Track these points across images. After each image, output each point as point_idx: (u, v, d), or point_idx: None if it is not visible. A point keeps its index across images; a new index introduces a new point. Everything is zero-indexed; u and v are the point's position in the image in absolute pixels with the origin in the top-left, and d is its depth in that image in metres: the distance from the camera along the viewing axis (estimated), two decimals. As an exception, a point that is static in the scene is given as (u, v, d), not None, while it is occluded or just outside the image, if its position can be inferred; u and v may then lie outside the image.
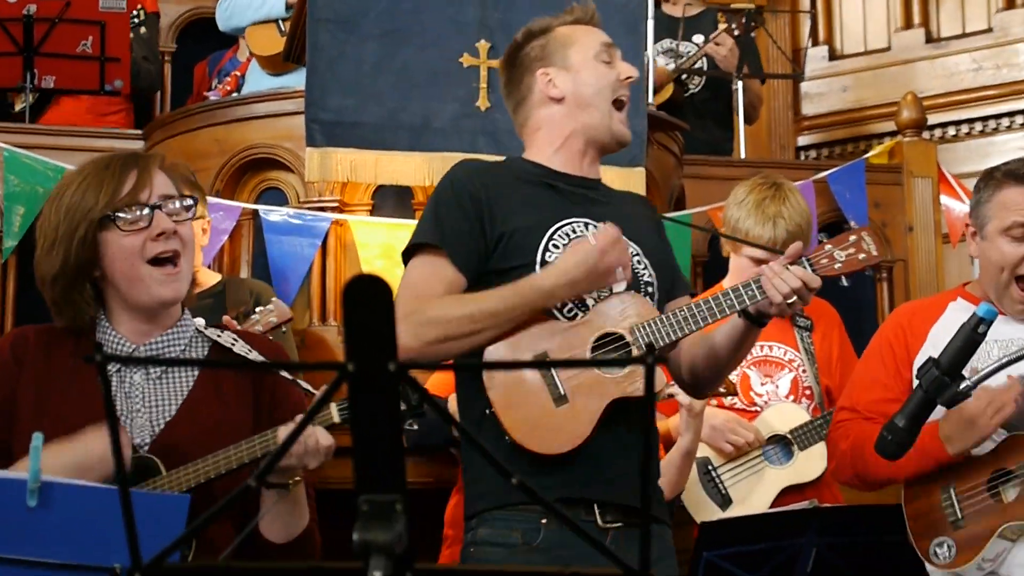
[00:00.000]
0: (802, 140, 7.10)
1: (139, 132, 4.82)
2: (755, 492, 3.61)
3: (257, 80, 4.98)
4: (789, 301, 2.57)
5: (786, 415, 3.64)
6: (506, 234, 2.66)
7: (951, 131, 6.71)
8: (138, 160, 2.37)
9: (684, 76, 5.49)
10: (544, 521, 2.56)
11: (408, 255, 2.71)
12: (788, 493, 3.60)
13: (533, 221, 2.68)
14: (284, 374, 2.39)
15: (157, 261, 2.35)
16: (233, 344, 2.41)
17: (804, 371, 3.69)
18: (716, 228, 2.84)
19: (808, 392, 3.68)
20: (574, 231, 2.70)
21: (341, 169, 3.95)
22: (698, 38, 5.51)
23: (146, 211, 2.34)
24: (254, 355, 2.42)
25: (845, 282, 2.97)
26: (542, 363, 1.44)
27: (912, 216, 5.28)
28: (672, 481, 3.44)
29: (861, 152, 6.53)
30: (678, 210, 4.73)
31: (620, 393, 2.59)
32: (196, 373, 2.42)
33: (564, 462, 2.58)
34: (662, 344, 2.60)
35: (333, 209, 4.14)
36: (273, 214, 4.16)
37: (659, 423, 3.63)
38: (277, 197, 4.29)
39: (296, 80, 4.57)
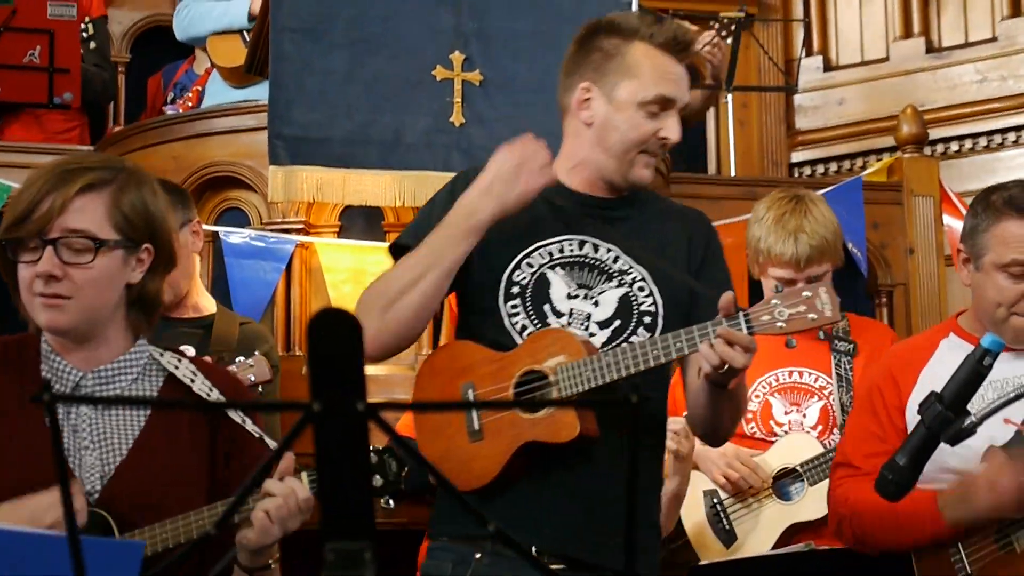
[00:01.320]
0: (796, 156, 7.12)
1: (90, 149, 4.81)
2: (759, 530, 3.60)
3: (218, 92, 4.97)
4: (721, 371, 2.48)
5: (799, 447, 3.62)
6: (479, 247, 2.66)
7: (954, 146, 6.75)
8: (65, 182, 2.32)
9: None
10: (478, 556, 2.60)
11: (394, 253, 2.76)
12: (800, 531, 3.59)
13: (511, 236, 2.69)
14: (247, 424, 2.36)
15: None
16: (192, 380, 2.39)
17: (836, 399, 3.67)
18: None
19: (838, 423, 3.66)
20: (560, 249, 2.70)
21: (307, 188, 3.95)
22: None
23: (38, 245, 2.32)
24: (215, 395, 2.40)
25: (793, 343, 2.95)
26: (528, 402, 1.43)
27: (913, 237, 5.29)
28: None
29: (858, 169, 6.58)
30: (665, 231, 4.74)
31: (533, 437, 2.58)
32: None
33: (485, 502, 2.60)
34: (584, 388, 2.56)
35: (298, 231, 4.13)
36: (234, 236, 4.16)
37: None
38: (238, 218, 4.29)
39: (259, 93, 4.56)
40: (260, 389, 3.50)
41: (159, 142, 4.40)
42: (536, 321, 2.66)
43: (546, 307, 2.67)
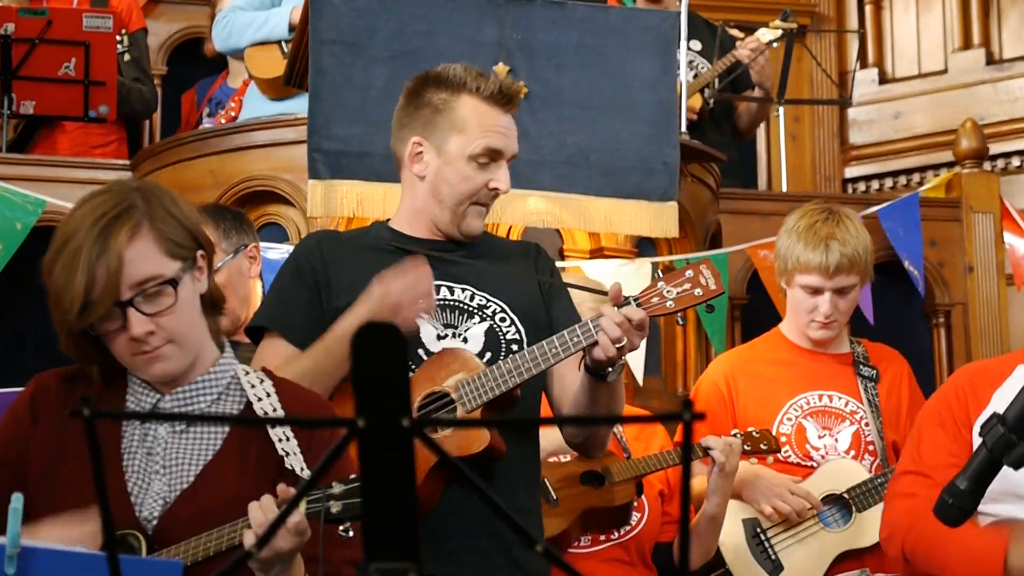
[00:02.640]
0: (850, 172, 7.11)
1: (127, 163, 4.86)
2: (808, 559, 3.59)
3: (256, 105, 5.01)
4: (618, 345, 2.63)
5: (844, 473, 3.62)
6: (343, 307, 2.79)
7: (1015, 162, 6.71)
8: (105, 240, 2.29)
9: (706, 90, 5.52)
10: None
11: (253, 335, 2.90)
12: (845, 559, 3.58)
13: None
14: (288, 458, 2.35)
15: None
16: (260, 399, 2.40)
17: (867, 424, 3.67)
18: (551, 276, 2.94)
19: (871, 447, 3.66)
20: None
21: (347, 203, 3.97)
22: (695, 44, 5.52)
23: (118, 311, 2.31)
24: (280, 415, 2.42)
25: (680, 321, 3.05)
26: (570, 419, 1.45)
27: (972, 255, 5.27)
28: (695, 551, 3.45)
29: (915, 185, 6.55)
30: (714, 248, 4.74)
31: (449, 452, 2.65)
32: (227, 429, 2.41)
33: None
34: (487, 399, 2.70)
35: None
36: (272, 252, 4.18)
37: (695, 481, 3.63)
38: (277, 234, 4.32)
39: (298, 106, 4.60)
40: None
41: (196, 156, 4.44)
42: (414, 366, 2.78)
43: (420, 351, 2.81)
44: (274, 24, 4.89)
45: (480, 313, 2.86)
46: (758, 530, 3.62)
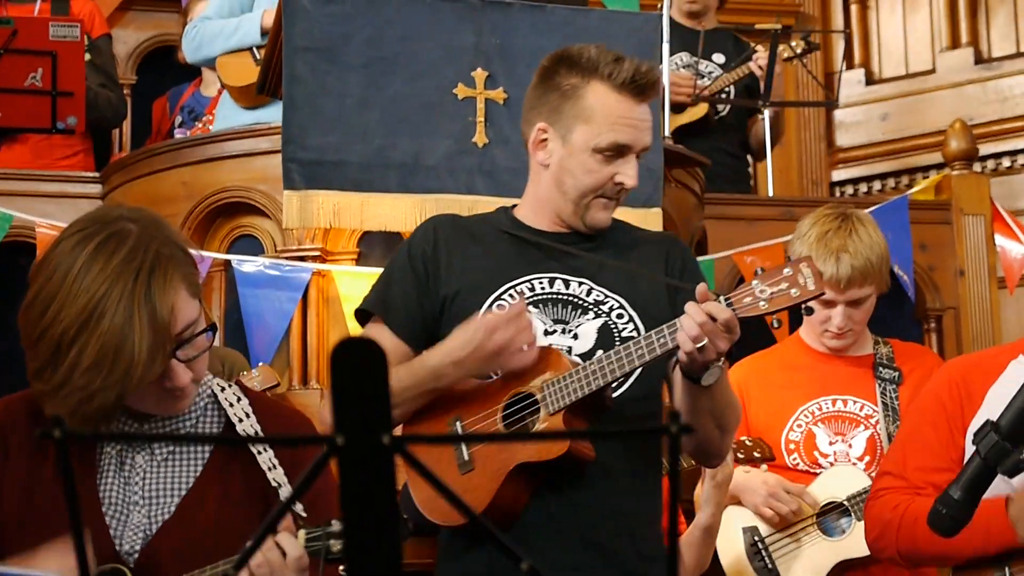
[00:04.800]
0: (837, 175, 7.13)
1: (96, 175, 4.84)
2: (807, 567, 3.59)
3: (229, 114, 5.00)
4: (698, 345, 2.53)
5: (846, 479, 3.62)
6: (450, 296, 2.78)
7: (1005, 162, 6.74)
8: (154, 299, 2.21)
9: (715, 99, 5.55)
10: None
11: (360, 318, 2.87)
12: (847, 569, 3.58)
13: (482, 280, 2.80)
14: (269, 473, 2.34)
15: None
16: (241, 420, 2.38)
17: (882, 429, 3.66)
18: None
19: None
20: (532, 288, 2.80)
21: (323, 214, 3.97)
22: (718, 57, 5.55)
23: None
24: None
25: (776, 324, 3.01)
26: (594, 433, 1.44)
27: (963, 259, 5.29)
28: (690, 560, 3.45)
29: (904, 187, 6.57)
30: (699, 254, 4.74)
31: (522, 458, 2.65)
32: (207, 453, 2.38)
33: (480, 535, 2.66)
34: (572, 400, 2.64)
35: (314, 258, 4.16)
36: (247, 265, 4.18)
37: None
38: (252, 246, 4.31)
39: (271, 114, 4.60)
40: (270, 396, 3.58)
41: (168, 167, 4.43)
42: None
43: (525, 346, 2.73)
44: (246, 30, 4.88)
45: (596, 309, 2.79)
46: (756, 539, 3.62)
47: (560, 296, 2.79)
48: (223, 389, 2.44)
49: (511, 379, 2.70)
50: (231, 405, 2.40)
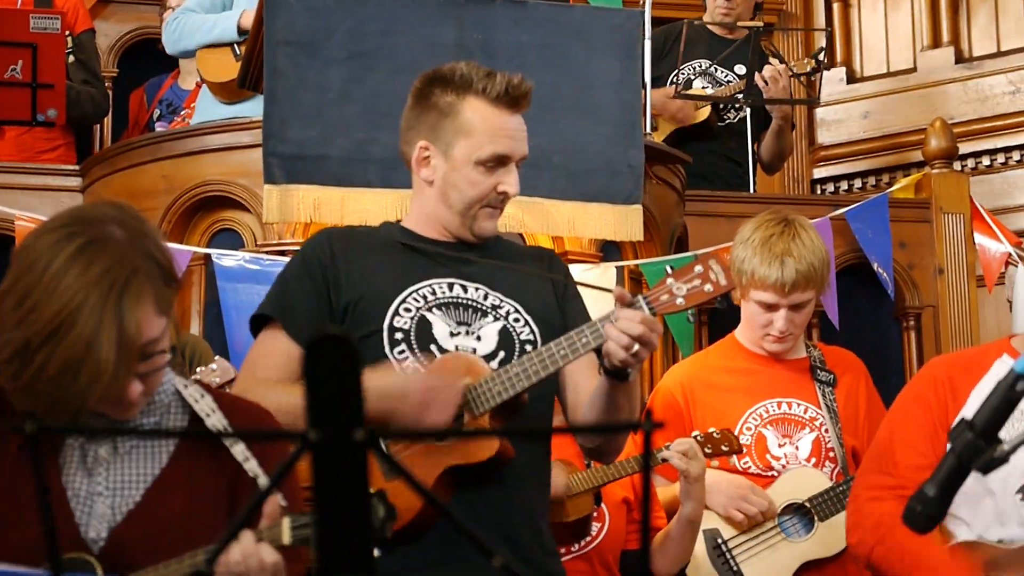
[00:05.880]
0: (818, 172, 7.14)
1: (76, 168, 4.83)
2: (770, 569, 3.61)
3: (209, 108, 5.00)
4: (632, 350, 2.62)
5: (805, 481, 3.64)
6: (352, 302, 2.82)
7: (985, 161, 6.75)
8: (124, 313, 2.19)
9: (721, 105, 5.58)
10: None
11: (255, 325, 2.89)
12: (807, 569, 3.60)
13: (383, 286, 2.84)
14: (246, 463, 2.33)
15: None
16: (208, 415, 2.38)
17: (827, 431, 3.69)
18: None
19: (831, 455, 3.68)
20: (433, 292, 2.85)
21: (303, 208, 3.97)
22: (740, 69, 5.57)
23: None
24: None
25: (690, 318, 3.08)
26: (567, 428, 1.45)
27: (942, 257, 5.30)
28: (674, 554, 3.47)
29: (884, 185, 6.59)
30: (680, 252, 4.75)
31: (453, 461, 2.69)
32: (172, 446, 2.38)
33: (416, 538, 2.68)
34: (495, 404, 2.70)
35: (294, 253, 4.14)
36: (227, 259, 4.17)
37: (666, 489, 3.65)
38: (232, 240, 4.30)
39: (251, 109, 4.59)
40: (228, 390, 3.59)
41: (148, 161, 4.42)
42: (427, 363, 2.78)
43: (433, 347, 2.81)
44: (223, 28, 4.88)
45: (494, 313, 2.86)
46: (719, 541, 3.63)
47: (460, 300, 2.86)
48: (185, 387, 2.44)
49: None
50: (196, 401, 2.40)
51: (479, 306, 2.87)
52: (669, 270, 2.72)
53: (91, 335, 2.18)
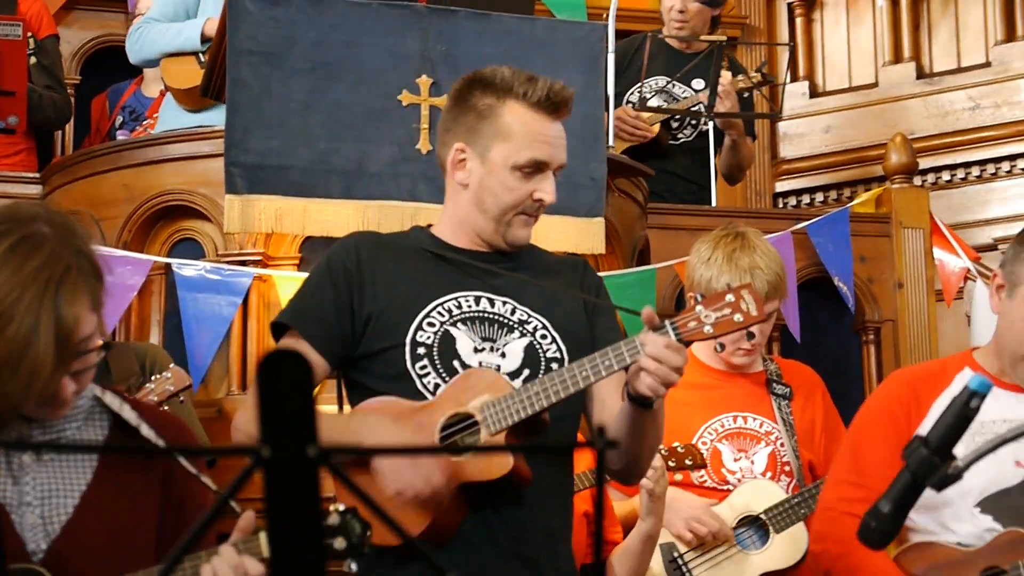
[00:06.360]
0: (780, 186, 7.17)
1: (37, 176, 4.80)
2: (726, 582, 3.62)
3: (173, 117, 4.98)
4: (659, 379, 2.56)
5: (761, 494, 3.66)
6: (375, 313, 2.77)
7: (945, 176, 6.80)
8: (62, 308, 2.20)
9: (674, 122, 5.54)
10: None
11: (275, 332, 2.84)
12: None
13: (408, 297, 2.79)
14: (186, 465, 2.34)
15: None
16: (139, 424, 2.37)
17: (783, 444, 3.71)
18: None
19: (787, 468, 3.70)
20: (459, 305, 2.80)
21: (265, 218, 3.96)
22: (698, 83, 5.56)
23: None
24: (160, 441, 2.38)
25: (718, 348, 3.06)
26: (523, 447, 1.44)
27: (902, 271, 5.33)
28: (631, 568, 3.47)
29: (846, 199, 6.62)
30: (642, 264, 4.76)
31: (466, 478, 2.66)
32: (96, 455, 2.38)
33: (427, 552, 2.64)
34: (512, 422, 2.65)
35: (256, 263, 4.13)
36: (188, 268, 4.15)
37: (623, 504, 3.65)
38: (192, 250, 4.28)
39: (216, 117, 4.58)
40: (181, 399, 3.56)
41: (109, 169, 4.39)
42: (448, 378, 2.75)
43: (455, 363, 2.76)
44: (187, 36, 4.87)
45: (520, 328, 2.81)
46: (675, 555, 3.64)
47: (486, 315, 2.81)
48: (103, 393, 2.42)
49: (447, 402, 2.70)
50: (119, 408, 2.38)
51: (505, 321, 2.81)
52: (699, 297, 2.69)
53: (28, 332, 2.18)
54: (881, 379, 5.12)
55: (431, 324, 2.76)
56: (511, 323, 2.81)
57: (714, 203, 5.60)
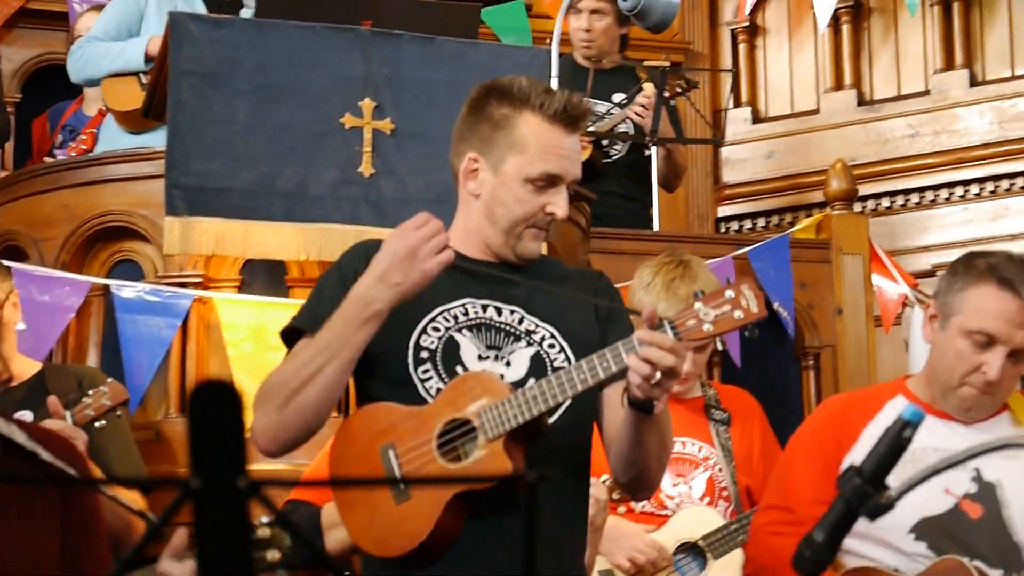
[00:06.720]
0: (723, 211, 7.21)
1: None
2: (664, 610, 3.62)
3: (113, 138, 4.95)
4: (654, 381, 2.50)
5: (699, 520, 3.66)
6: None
7: (885, 203, 6.86)
8: None
9: (604, 141, 5.54)
10: None
11: (288, 337, 2.78)
12: None
13: (413, 303, 2.72)
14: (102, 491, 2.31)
15: None
16: (36, 448, 2.34)
17: (721, 470, 3.72)
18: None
19: (725, 493, 3.71)
20: (465, 312, 2.76)
21: (205, 241, 3.94)
22: (617, 97, 5.56)
23: None
24: (62, 465, 2.35)
25: (719, 346, 2.99)
26: (392, 479, 1.44)
27: (841, 297, 5.37)
28: None
29: (787, 225, 6.67)
30: (585, 289, 4.76)
31: (468, 486, 2.63)
32: None
33: (428, 563, 2.62)
34: (510, 427, 2.60)
35: (196, 285, 4.11)
36: (127, 290, 4.12)
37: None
38: (132, 271, 4.25)
39: (157, 139, 4.55)
40: (118, 413, 3.53)
41: (49, 189, 4.36)
42: (443, 384, 2.70)
43: (459, 368, 2.72)
44: (130, 55, 4.84)
45: (528, 338, 2.76)
46: None
47: (493, 323, 2.76)
48: None
49: (443, 407, 2.66)
50: (12, 434, 2.36)
51: (512, 330, 2.77)
52: (700, 294, 2.64)
53: None
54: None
55: (435, 329, 2.73)
56: (518, 332, 2.77)
57: (657, 227, 5.62)
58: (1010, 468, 3.01)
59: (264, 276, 4.14)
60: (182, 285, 4.11)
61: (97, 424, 3.49)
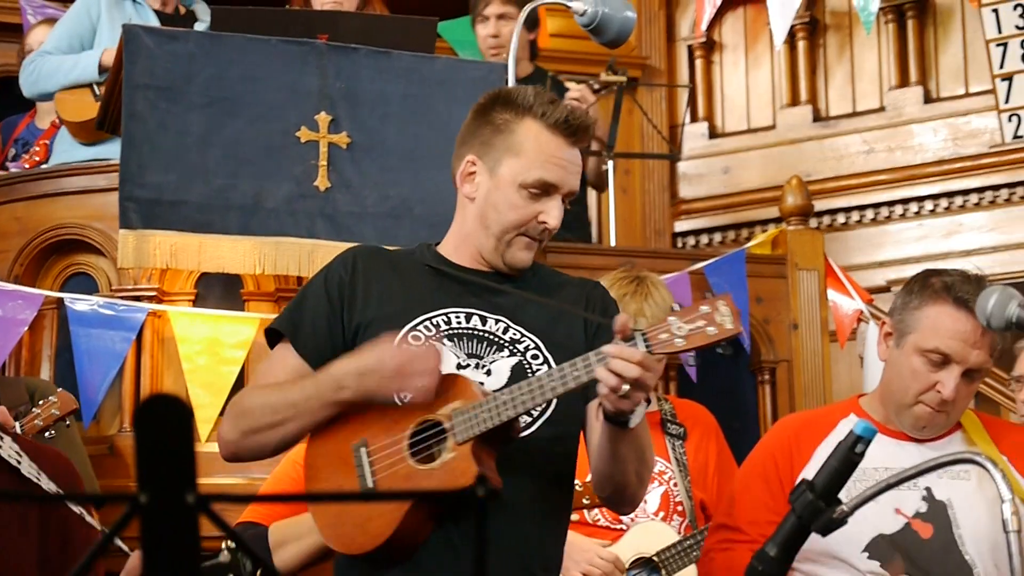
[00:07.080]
0: (679, 225, 7.23)
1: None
2: (619, 624, 3.62)
3: (67, 149, 4.92)
4: (621, 392, 2.49)
5: (653, 535, 3.67)
6: (363, 324, 2.72)
7: (840, 219, 6.91)
8: None
9: None
10: None
11: (270, 336, 2.80)
12: None
13: (397, 310, 2.74)
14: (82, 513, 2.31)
15: None
16: (19, 462, 2.34)
17: (676, 484, 3.73)
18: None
19: (680, 508, 3.72)
20: (447, 321, 2.75)
21: (160, 254, 3.92)
22: None
23: None
24: (44, 479, 2.35)
25: (691, 361, 2.98)
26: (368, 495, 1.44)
27: (797, 313, 5.39)
28: None
29: (744, 240, 6.69)
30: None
31: (429, 487, 2.61)
32: None
33: (393, 562, 2.61)
34: (480, 431, 2.60)
35: (150, 299, 4.09)
36: (80, 303, 4.10)
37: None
38: (86, 284, 4.23)
39: (111, 151, 4.53)
40: (67, 423, 3.52)
41: (2, 201, 4.35)
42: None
43: None
44: (84, 67, 4.81)
45: (511, 347, 2.74)
46: None
47: (476, 332, 2.75)
48: None
49: (418, 406, 2.65)
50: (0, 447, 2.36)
51: (496, 339, 2.74)
52: (676, 307, 2.63)
53: None
54: (776, 418, 5.18)
55: (416, 338, 2.70)
56: (501, 341, 2.75)
57: (614, 242, 5.64)
58: (961, 487, 3.02)
59: (219, 290, 4.12)
60: (136, 299, 4.09)
61: (47, 434, 3.48)
